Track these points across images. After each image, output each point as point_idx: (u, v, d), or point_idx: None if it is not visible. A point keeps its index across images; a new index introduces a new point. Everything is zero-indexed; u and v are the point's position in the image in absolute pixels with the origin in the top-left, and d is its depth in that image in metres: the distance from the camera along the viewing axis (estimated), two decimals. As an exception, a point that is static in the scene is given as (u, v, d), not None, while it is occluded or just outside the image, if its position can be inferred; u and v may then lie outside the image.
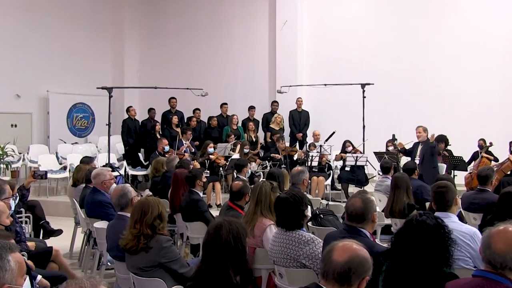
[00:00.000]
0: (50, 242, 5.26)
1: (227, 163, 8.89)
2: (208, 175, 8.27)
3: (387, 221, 5.17)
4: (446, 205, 3.37)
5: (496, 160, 8.48)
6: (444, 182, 3.54)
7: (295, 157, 9.54)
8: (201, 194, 5.17)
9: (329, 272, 1.97)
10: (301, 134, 10.68)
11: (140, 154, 10.29)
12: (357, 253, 2.00)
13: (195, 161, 8.61)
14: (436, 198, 3.41)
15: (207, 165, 8.78)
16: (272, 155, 9.42)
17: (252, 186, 4.11)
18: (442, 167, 8.38)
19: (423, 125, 8.01)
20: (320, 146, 9.30)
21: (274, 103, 10.97)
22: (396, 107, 10.42)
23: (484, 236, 2.08)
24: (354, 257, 1.98)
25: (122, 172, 9.28)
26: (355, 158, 8.58)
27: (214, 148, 9.19)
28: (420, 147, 7.88)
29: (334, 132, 9.51)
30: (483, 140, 8.90)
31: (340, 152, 9.30)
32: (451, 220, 3.23)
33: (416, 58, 10.48)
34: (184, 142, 9.55)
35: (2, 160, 9.56)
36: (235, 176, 6.70)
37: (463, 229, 3.20)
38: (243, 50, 12.15)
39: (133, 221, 3.21)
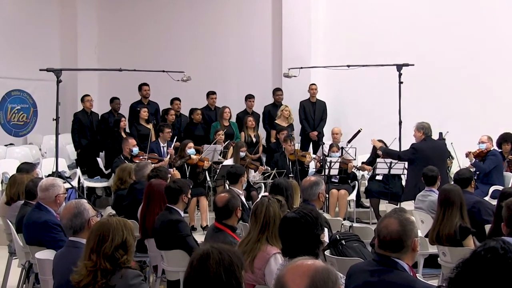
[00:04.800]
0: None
1: (217, 169, 8.87)
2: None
3: (432, 249, 5.16)
4: None
5: None
6: None
7: (311, 164, 9.55)
8: (182, 213, 5.18)
9: None
10: (315, 133, 10.69)
11: (99, 160, 10.28)
12: (316, 269, 2.05)
13: (174, 169, 8.60)
14: None
15: (187, 173, 8.77)
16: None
17: (254, 203, 4.11)
18: (508, 177, 8.41)
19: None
20: (342, 148, 9.31)
21: (278, 92, 10.97)
22: (444, 96, 10.44)
23: None
24: (316, 275, 2.02)
25: (75, 183, 9.27)
26: (388, 165, 8.59)
27: (198, 151, 9.18)
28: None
29: (359, 131, 9.50)
30: None
31: (369, 159, 9.30)
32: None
33: (470, 33, 10.46)
34: (162, 144, 9.52)
35: None
36: (228, 188, 6.70)
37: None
38: (238, 20, 12.15)
39: (88, 250, 3.21)
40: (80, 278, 3.17)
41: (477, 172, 8.40)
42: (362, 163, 9.43)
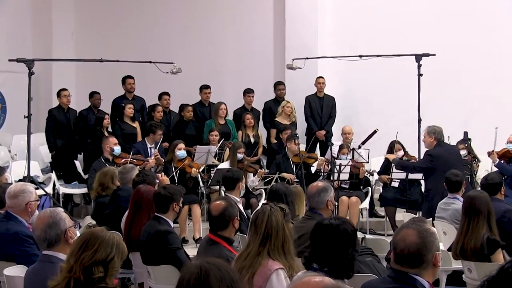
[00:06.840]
0: None
1: (211, 173, 8.87)
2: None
3: (456, 264, 5.16)
4: None
5: None
6: None
7: (316, 167, 9.55)
8: (171, 224, 5.18)
9: None
10: (323, 132, 10.71)
11: (77, 163, 10.28)
12: (325, 286, 2.07)
13: (163, 173, 8.60)
14: None
15: (176, 178, 8.77)
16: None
17: (253, 212, 4.11)
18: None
19: None
20: (353, 149, 9.32)
21: (280, 85, 10.97)
22: (471, 90, 10.43)
23: None
24: None
25: (49, 189, 9.27)
26: (406, 169, 8.62)
27: (190, 153, 9.17)
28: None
29: (375, 131, 9.49)
30: None
31: (383, 166, 9.30)
32: None
33: (499, 19, 10.47)
34: (149, 145, 9.50)
35: None
36: (224, 195, 6.70)
37: None
38: (236, 5, 12.15)
39: (69, 253, 3.25)
40: (54, 283, 3.18)
41: (504, 177, 8.41)
42: (378, 174, 9.44)
